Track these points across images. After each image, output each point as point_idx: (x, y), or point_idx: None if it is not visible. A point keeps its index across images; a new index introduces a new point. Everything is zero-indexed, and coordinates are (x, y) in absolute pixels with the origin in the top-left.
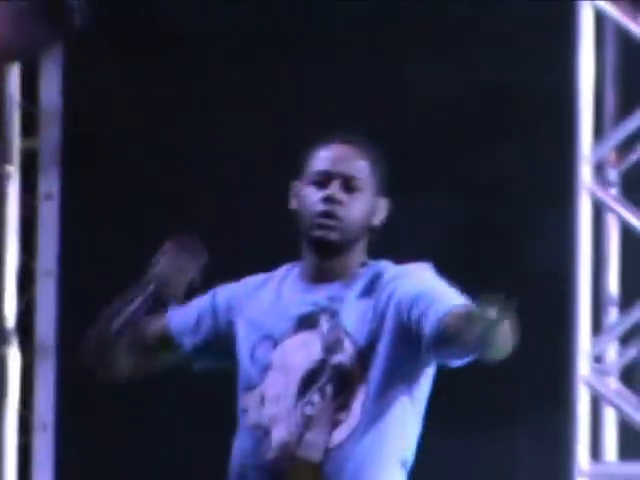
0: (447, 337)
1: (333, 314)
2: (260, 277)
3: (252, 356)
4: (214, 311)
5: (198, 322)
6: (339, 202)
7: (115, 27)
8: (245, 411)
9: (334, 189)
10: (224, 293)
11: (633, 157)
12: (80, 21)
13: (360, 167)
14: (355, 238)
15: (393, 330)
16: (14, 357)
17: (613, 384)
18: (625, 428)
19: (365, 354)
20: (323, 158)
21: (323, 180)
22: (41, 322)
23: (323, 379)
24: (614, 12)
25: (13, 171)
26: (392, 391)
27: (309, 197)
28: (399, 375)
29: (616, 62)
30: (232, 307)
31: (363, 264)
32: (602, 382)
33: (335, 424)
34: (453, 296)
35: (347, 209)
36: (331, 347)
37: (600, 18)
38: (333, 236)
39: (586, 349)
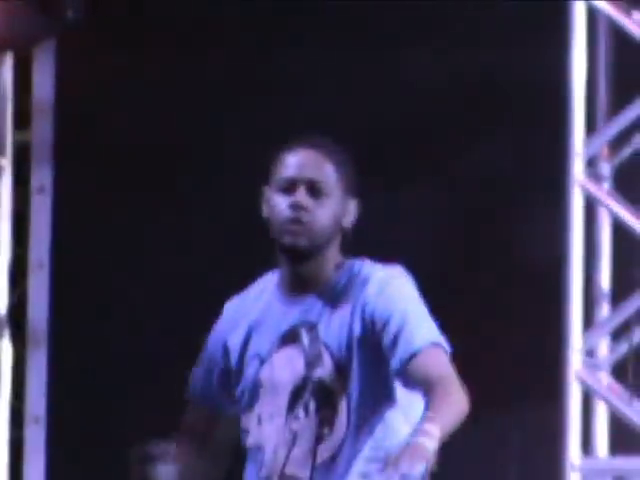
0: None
1: (312, 327)
2: (237, 300)
3: (245, 376)
4: (216, 360)
5: (209, 379)
6: (305, 208)
7: (108, 20)
8: (246, 432)
9: (300, 195)
10: (215, 336)
11: (625, 152)
12: (73, 14)
13: (326, 171)
14: (325, 242)
15: (368, 344)
16: (6, 349)
17: (605, 379)
18: (616, 423)
19: (343, 367)
20: (289, 164)
21: (289, 186)
22: (33, 314)
23: (306, 395)
24: (607, 8)
25: (6, 164)
26: (376, 403)
27: (277, 205)
28: (380, 386)
29: (608, 58)
30: (225, 346)
31: (338, 266)
32: (594, 377)
33: (319, 439)
34: (420, 328)
35: (313, 214)
36: (312, 362)
37: (593, 14)
38: (301, 242)
39: (578, 344)
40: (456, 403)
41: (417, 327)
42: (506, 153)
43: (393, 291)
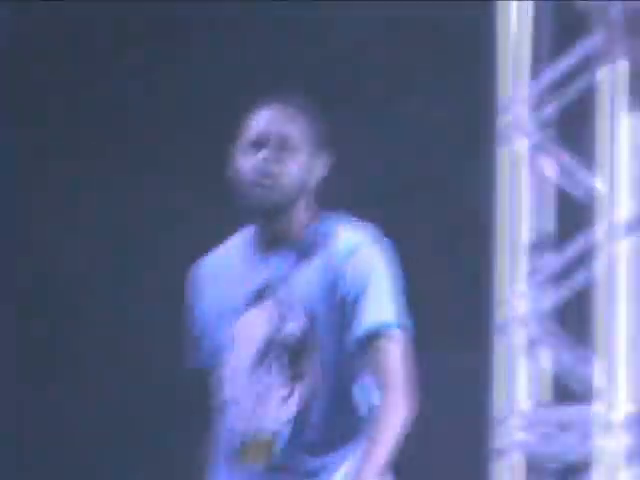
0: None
1: (284, 282)
2: (209, 259)
3: (218, 332)
4: (199, 323)
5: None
6: (274, 164)
7: None
8: (220, 386)
9: (269, 151)
10: (193, 300)
11: (551, 104)
12: None
13: (294, 127)
14: (294, 198)
15: (335, 303)
16: None
17: (530, 331)
18: (541, 374)
19: (315, 322)
20: (257, 122)
21: (258, 143)
22: None
23: (277, 349)
24: None
25: None
26: (348, 359)
27: (246, 162)
28: (351, 344)
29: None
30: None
31: (310, 220)
32: (518, 329)
33: (290, 394)
34: (381, 306)
35: (282, 170)
36: (284, 316)
37: None
38: (271, 197)
39: (503, 296)
40: (397, 424)
41: (378, 305)
42: (441, 101)
43: (363, 259)
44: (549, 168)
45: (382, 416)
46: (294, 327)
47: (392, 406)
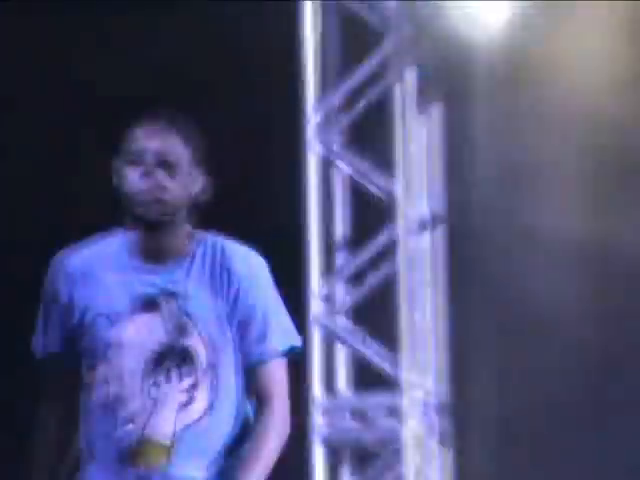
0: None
1: (173, 297)
2: (79, 255)
3: (92, 334)
4: (62, 314)
5: (59, 334)
6: (155, 180)
7: None
8: (91, 388)
9: (150, 167)
10: (59, 289)
11: (356, 111)
12: None
13: (174, 143)
14: (175, 212)
15: (232, 324)
16: None
17: (342, 322)
18: (356, 361)
19: (211, 340)
20: (138, 137)
21: (140, 159)
22: None
23: (168, 361)
24: None
25: None
26: (242, 378)
27: (127, 176)
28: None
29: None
30: (71, 300)
31: (191, 237)
32: (332, 320)
33: (183, 406)
34: (277, 331)
35: (165, 186)
36: (175, 331)
37: None
38: (152, 213)
39: (317, 290)
40: (276, 444)
41: (275, 330)
42: (242, 111)
43: (257, 283)
44: (344, 171)
45: (262, 435)
46: (187, 343)
47: (272, 426)
